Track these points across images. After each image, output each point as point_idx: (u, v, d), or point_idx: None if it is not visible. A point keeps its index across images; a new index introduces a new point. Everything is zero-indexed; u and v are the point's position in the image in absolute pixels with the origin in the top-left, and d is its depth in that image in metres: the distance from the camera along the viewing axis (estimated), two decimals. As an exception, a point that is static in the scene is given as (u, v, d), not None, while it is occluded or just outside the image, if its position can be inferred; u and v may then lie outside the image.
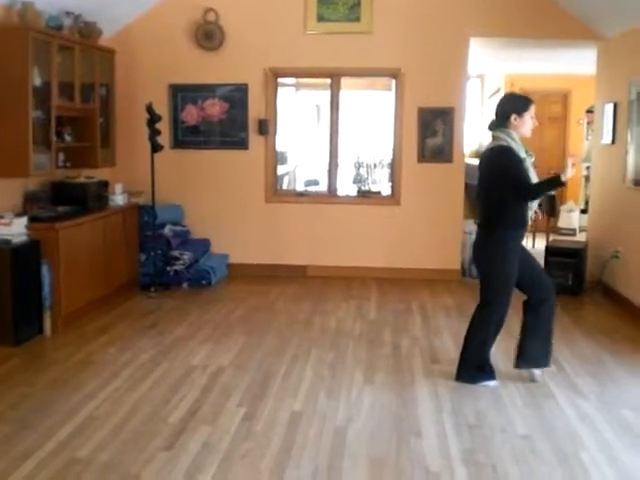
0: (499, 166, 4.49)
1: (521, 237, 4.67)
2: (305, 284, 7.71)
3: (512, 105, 4.57)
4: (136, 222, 7.45)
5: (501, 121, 4.55)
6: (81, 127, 6.81)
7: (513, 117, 4.50)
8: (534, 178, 4.48)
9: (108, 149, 7.29)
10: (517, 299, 4.80)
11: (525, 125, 4.54)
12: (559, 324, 6.23)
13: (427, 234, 7.94)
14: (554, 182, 4.45)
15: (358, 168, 11.56)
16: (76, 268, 6.08)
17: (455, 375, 4.77)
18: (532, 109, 4.55)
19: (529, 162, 4.51)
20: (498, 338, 4.79)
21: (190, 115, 8.02)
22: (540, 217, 4.75)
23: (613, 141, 7.25)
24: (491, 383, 4.69)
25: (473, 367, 4.72)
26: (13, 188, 6.02)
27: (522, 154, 4.47)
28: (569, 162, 4.30)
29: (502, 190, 4.46)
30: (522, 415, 4.25)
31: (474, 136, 11.63)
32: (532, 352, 4.73)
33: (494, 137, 4.59)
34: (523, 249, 4.74)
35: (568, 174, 4.29)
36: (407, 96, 7.84)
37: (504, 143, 4.47)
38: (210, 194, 8.06)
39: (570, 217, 11.18)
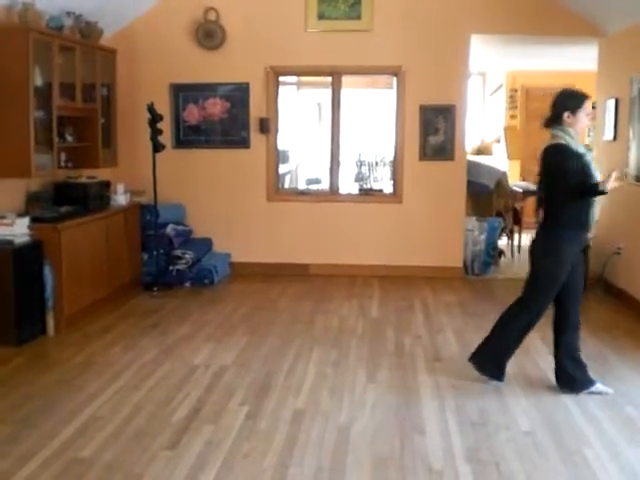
0: (554, 165, 4.40)
1: (581, 240, 4.52)
2: (307, 282, 7.71)
3: (565, 103, 4.46)
4: (138, 222, 7.46)
5: (555, 118, 4.45)
6: (83, 127, 6.82)
7: (566, 115, 4.40)
8: (596, 172, 4.39)
9: (110, 149, 7.29)
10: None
11: (579, 122, 4.43)
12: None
13: (429, 232, 7.94)
14: (594, 190, 4.36)
15: (360, 166, 11.57)
16: (78, 268, 6.09)
17: (471, 355, 4.74)
18: (587, 106, 4.44)
19: (590, 157, 4.45)
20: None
21: (191, 114, 8.02)
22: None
23: (615, 137, 7.24)
24: (495, 383, 4.67)
25: (489, 358, 4.68)
26: (15, 188, 6.03)
27: (581, 149, 4.41)
28: (613, 175, 4.26)
29: (559, 189, 4.38)
30: (525, 412, 4.24)
31: (476, 133, 11.62)
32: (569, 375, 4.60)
33: (551, 135, 4.48)
34: (580, 262, 4.65)
35: (609, 186, 4.24)
36: (408, 94, 7.83)
37: (562, 141, 4.38)
38: (212, 193, 8.06)
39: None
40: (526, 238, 9.79)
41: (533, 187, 10.29)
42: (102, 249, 6.58)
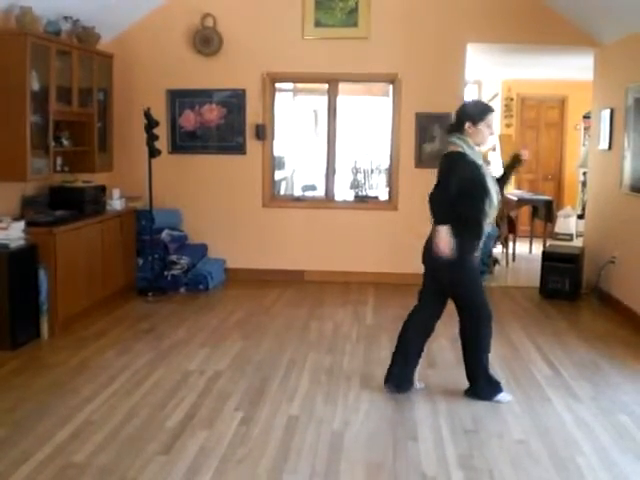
0: (443, 171, 4.41)
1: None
2: (302, 289, 7.72)
3: (467, 112, 4.46)
4: (133, 227, 7.46)
5: (457, 127, 4.45)
6: (79, 132, 6.82)
7: (467, 125, 4.39)
8: (493, 184, 4.40)
9: (106, 154, 7.30)
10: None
11: (479, 135, 4.40)
12: (555, 329, 6.27)
13: (424, 239, 7.92)
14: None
15: (355, 173, 11.60)
16: (73, 272, 6.09)
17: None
18: (489, 119, 4.41)
19: (486, 170, 4.42)
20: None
21: (188, 120, 8.03)
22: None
23: (610, 147, 7.27)
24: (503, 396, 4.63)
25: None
26: (11, 192, 6.02)
27: (479, 161, 4.38)
28: None
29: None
30: (518, 420, 4.25)
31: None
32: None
33: (448, 142, 4.48)
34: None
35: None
36: (404, 102, 7.85)
37: (459, 149, 4.37)
38: (208, 199, 8.07)
39: (567, 222, 11.20)
40: (521, 246, 9.86)
41: (528, 195, 10.37)
42: (97, 254, 6.58)
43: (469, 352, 4.56)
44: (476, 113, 4.42)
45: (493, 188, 4.39)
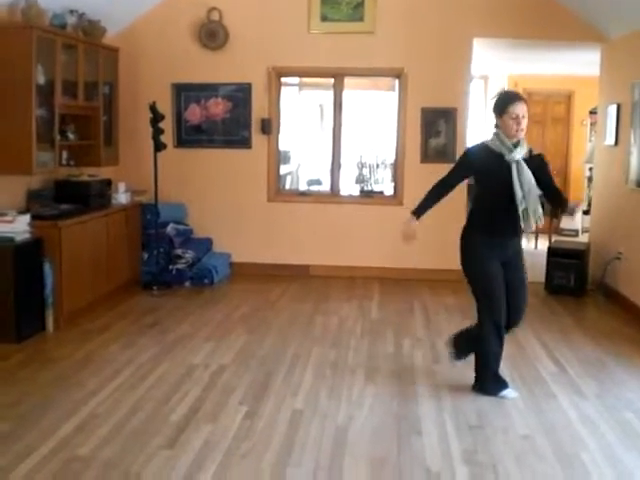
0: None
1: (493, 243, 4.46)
2: (307, 283, 7.71)
3: (493, 107, 4.43)
4: (139, 221, 7.46)
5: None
6: (84, 125, 6.82)
7: (495, 119, 4.39)
8: (517, 178, 4.29)
9: (111, 147, 7.30)
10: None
11: (505, 127, 4.31)
12: (561, 325, 6.26)
13: (429, 234, 7.88)
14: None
15: (361, 168, 11.57)
16: (78, 266, 6.09)
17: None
18: (512, 110, 4.26)
19: (512, 156, 4.28)
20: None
21: (193, 114, 8.02)
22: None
23: (616, 142, 7.24)
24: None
25: None
26: (16, 186, 6.03)
27: (504, 150, 4.29)
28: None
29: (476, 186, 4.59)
30: (523, 416, 4.24)
31: (477, 137, 11.62)
32: None
33: None
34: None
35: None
36: (410, 96, 7.84)
37: (486, 142, 4.43)
38: (213, 193, 8.07)
39: (573, 218, 11.17)
40: (526, 242, 9.82)
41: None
42: (102, 247, 6.58)
43: (477, 346, 4.56)
44: (497, 106, 4.38)
45: (518, 182, 4.28)
